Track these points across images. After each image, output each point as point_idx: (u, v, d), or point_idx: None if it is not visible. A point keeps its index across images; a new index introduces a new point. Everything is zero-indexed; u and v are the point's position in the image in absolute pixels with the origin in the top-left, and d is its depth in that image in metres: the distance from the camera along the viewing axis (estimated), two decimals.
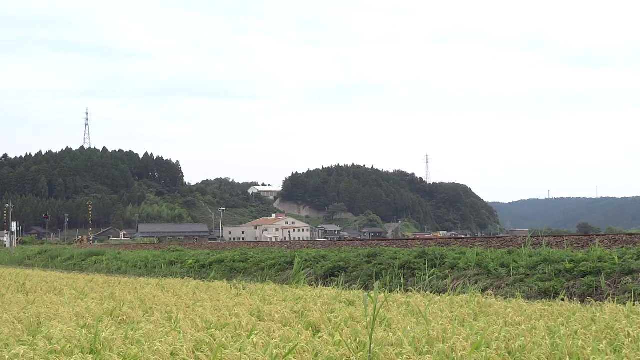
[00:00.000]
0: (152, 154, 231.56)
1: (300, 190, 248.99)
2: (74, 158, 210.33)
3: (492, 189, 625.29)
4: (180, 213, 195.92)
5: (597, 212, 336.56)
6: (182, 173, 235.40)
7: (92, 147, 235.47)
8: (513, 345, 6.33)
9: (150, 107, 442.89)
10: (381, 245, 22.25)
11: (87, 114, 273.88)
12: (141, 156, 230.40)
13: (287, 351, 6.06)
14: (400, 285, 13.58)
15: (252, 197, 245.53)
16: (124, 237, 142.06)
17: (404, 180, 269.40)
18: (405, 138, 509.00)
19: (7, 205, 74.35)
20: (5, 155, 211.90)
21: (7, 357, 6.17)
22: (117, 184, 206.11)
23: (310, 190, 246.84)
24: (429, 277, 13.95)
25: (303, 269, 17.45)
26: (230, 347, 6.37)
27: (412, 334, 6.64)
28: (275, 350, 6.09)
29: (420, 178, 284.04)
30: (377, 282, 6.55)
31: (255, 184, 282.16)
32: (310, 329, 7.84)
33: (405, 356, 5.84)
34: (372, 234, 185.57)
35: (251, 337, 6.76)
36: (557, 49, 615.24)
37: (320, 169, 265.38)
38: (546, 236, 19.48)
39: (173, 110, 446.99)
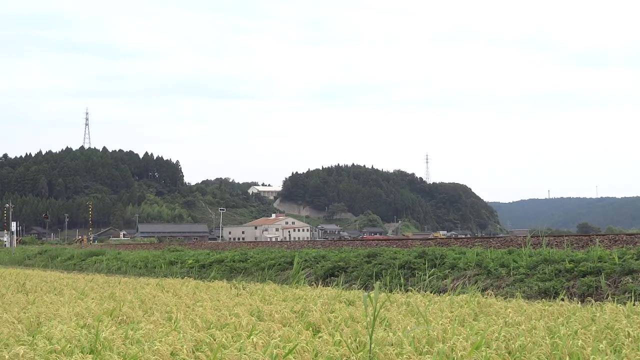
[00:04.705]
0: (152, 154, 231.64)
1: (300, 190, 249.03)
2: (74, 158, 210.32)
3: (492, 189, 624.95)
4: (180, 213, 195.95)
5: (597, 212, 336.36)
6: (182, 173, 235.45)
7: (92, 147, 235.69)
8: (513, 345, 6.33)
9: (150, 107, 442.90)
10: (381, 245, 22.25)
11: (87, 114, 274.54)
12: (141, 156, 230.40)
13: (287, 351, 6.06)
14: (400, 285, 13.58)
15: (252, 197, 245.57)
16: (124, 237, 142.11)
17: (404, 180, 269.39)
18: (405, 138, 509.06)
19: (7, 205, 74.37)
20: (5, 155, 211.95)
21: (7, 357, 6.17)
22: (117, 184, 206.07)
23: (310, 190, 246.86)
24: (429, 277, 13.95)
25: (303, 269, 17.45)
26: (230, 347, 6.37)
27: (412, 334, 6.64)
28: (275, 350, 6.09)
29: (420, 178, 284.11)
30: (378, 282, 6.55)
31: (255, 184, 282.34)
32: (310, 329, 7.84)
33: (405, 356, 5.84)
34: (372, 234, 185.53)
35: (251, 337, 6.75)
36: (558, 49, 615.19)
37: (320, 169, 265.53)
38: (546, 236, 19.48)
39: (173, 110, 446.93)
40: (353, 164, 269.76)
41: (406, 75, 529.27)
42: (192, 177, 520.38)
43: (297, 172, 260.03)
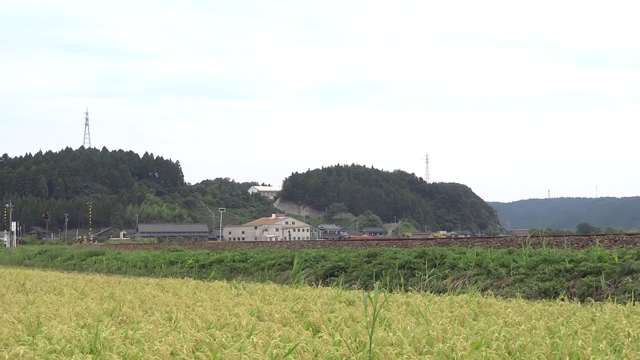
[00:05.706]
0: (152, 154, 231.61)
1: (300, 190, 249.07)
2: (74, 158, 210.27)
3: (492, 189, 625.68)
4: (180, 213, 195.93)
5: (597, 212, 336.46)
6: (182, 173, 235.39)
7: (92, 147, 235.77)
8: (513, 345, 6.33)
9: (150, 107, 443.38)
10: (381, 245, 22.25)
11: (87, 114, 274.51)
12: (141, 156, 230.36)
13: (287, 351, 6.06)
14: (400, 285, 13.57)
15: (252, 197, 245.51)
16: (124, 237, 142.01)
17: (404, 180, 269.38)
18: (405, 138, 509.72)
19: (7, 205, 74.32)
20: (5, 155, 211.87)
21: (7, 357, 6.16)
22: (117, 184, 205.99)
23: (310, 190, 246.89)
24: (428, 277, 13.94)
25: (303, 269, 17.44)
26: (230, 347, 6.37)
27: (412, 334, 6.64)
28: (275, 350, 6.08)
29: (420, 178, 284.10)
30: (378, 282, 6.55)
31: (255, 184, 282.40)
32: (310, 329, 7.84)
33: (405, 356, 5.83)
34: (372, 234, 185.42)
35: (251, 337, 6.75)
36: (558, 48, 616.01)
37: (320, 169, 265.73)
38: (546, 236, 19.48)
39: (173, 110, 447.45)
40: (353, 164, 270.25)
41: (406, 75, 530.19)
42: (192, 177, 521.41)
43: (297, 172, 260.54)
